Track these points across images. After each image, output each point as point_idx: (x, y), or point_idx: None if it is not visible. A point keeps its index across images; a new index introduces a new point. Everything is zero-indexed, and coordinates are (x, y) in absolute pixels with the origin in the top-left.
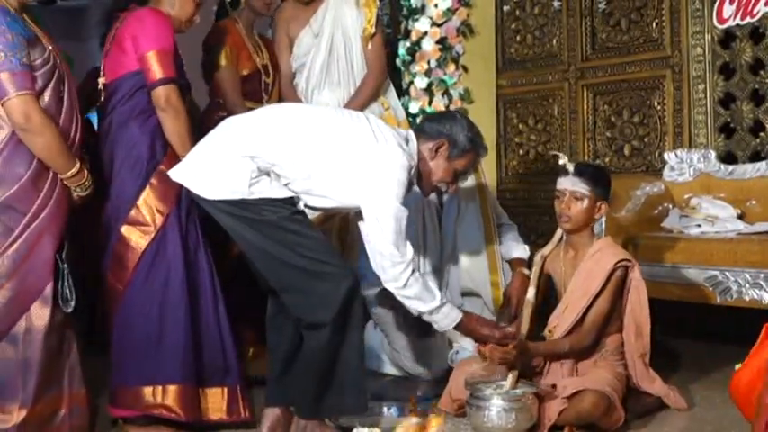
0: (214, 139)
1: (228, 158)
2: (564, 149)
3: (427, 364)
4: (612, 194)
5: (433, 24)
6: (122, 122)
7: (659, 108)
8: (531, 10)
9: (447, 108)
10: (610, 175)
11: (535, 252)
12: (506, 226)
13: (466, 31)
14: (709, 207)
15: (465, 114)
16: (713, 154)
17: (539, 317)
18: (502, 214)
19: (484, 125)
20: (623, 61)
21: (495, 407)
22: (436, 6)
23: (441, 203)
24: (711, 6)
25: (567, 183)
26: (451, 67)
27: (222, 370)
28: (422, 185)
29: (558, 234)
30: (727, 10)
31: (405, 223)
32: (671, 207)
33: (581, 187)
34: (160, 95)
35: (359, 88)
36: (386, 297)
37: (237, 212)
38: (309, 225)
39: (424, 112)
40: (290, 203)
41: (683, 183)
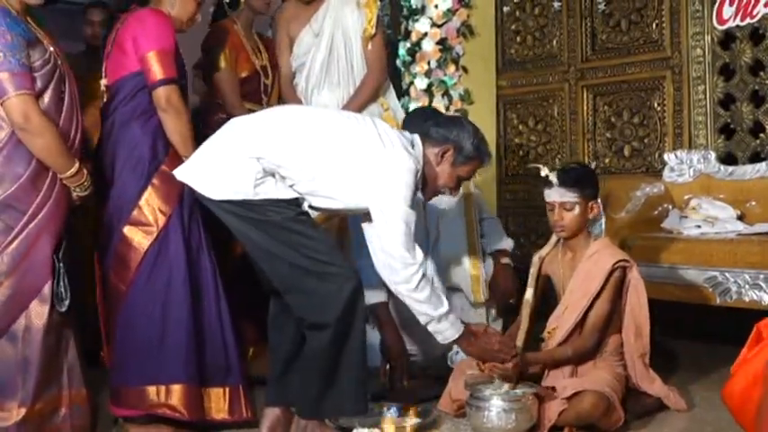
0: (220, 139)
1: (234, 159)
2: (564, 150)
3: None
4: (612, 195)
5: (434, 25)
6: (124, 123)
7: (659, 109)
8: (531, 11)
9: (447, 109)
10: (594, 172)
11: (533, 253)
12: (489, 219)
13: (466, 31)
14: (709, 208)
15: (470, 120)
16: (713, 155)
17: (537, 318)
18: (484, 209)
19: (484, 126)
20: (623, 62)
21: (495, 407)
22: (436, 7)
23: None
24: (711, 7)
25: (554, 195)
26: (452, 68)
27: (225, 369)
28: (425, 190)
29: (555, 236)
30: (727, 11)
31: (413, 226)
32: (671, 208)
33: (569, 197)
34: (161, 96)
35: (358, 88)
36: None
37: (242, 213)
38: (314, 226)
39: None
40: (294, 204)
41: (682, 183)
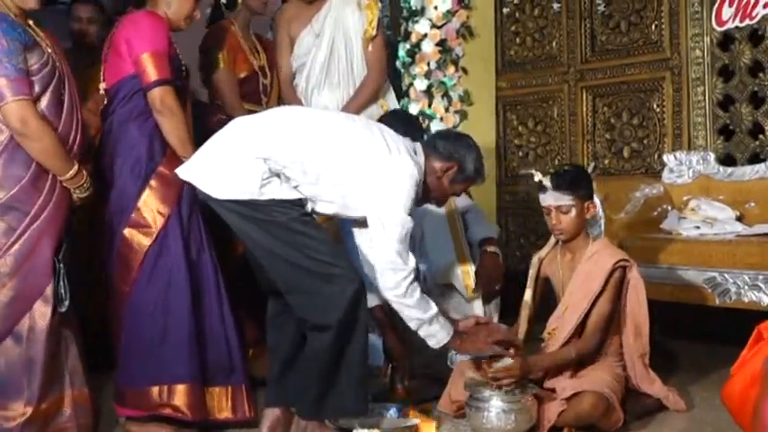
0: (224, 139)
1: (241, 159)
2: (563, 151)
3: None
4: (611, 196)
5: (433, 26)
6: (122, 124)
7: (658, 110)
8: (530, 12)
9: (447, 109)
10: (587, 173)
11: (533, 254)
12: (470, 210)
13: (466, 33)
14: (708, 209)
15: (475, 141)
16: (712, 156)
17: (537, 320)
18: (462, 199)
19: (484, 127)
20: (623, 63)
21: (495, 408)
22: (436, 8)
23: None
24: (710, 8)
25: (549, 199)
26: (451, 69)
27: (227, 369)
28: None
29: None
30: (727, 12)
31: (410, 233)
32: (670, 209)
33: (564, 200)
34: (155, 97)
35: (358, 89)
36: None
37: (247, 212)
38: (317, 227)
39: (423, 113)
40: (299, 205)
41: (682, 184)
